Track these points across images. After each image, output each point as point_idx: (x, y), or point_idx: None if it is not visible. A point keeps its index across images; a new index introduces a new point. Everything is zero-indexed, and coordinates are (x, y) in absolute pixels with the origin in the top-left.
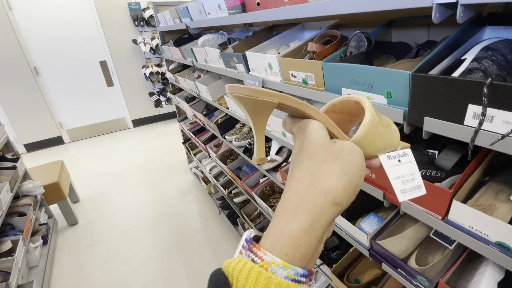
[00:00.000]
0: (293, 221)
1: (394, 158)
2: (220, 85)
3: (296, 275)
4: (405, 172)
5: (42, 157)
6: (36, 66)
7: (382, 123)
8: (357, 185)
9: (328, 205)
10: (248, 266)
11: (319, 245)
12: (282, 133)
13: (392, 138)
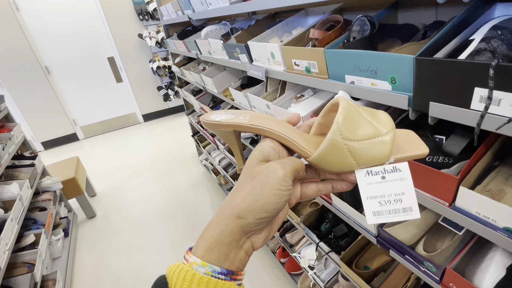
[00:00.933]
0: (208, 230)
1: (376, 175)
2: (225, 76)
3: (214, 272)
4: (388, 191)
5: (59, 154)
6: (47, 65)
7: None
8: (266, 203)
9: (233, 218)
10: (180, 267)
11: (233, 250)
12: None
13: (372, 153)
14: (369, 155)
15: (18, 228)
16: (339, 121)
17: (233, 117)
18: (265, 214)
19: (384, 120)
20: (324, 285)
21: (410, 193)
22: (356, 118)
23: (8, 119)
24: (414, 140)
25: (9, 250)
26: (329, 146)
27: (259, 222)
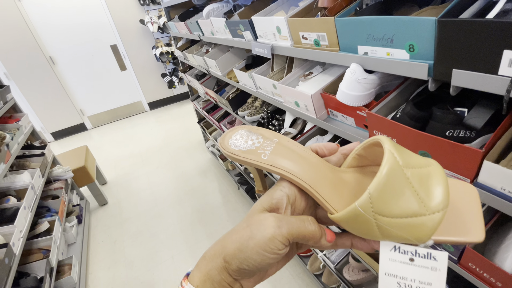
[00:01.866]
0: (203, 261)
1: (404, 254)
2: (229, 58)
3: None
4: (412, 276)
5: (69, 144)
6: (51, 56)
7: (390, 212)
8: (248, 258)
9: (220, 259)
10: None
11: (226, 285)
12: (295, 103)
13: (406, 234)
14: (401, 235)
15: (31, 216)
16: (372, 191)
17: (252, 148)
18: (248, 268)
19: (437, 192)
20: (334, 266)
21: (439, 286)
22: (398, 186)
23: (15, 109)
24: (471, 207)
25: (23, 237)
26: (353, 216)
27: (244, 272)
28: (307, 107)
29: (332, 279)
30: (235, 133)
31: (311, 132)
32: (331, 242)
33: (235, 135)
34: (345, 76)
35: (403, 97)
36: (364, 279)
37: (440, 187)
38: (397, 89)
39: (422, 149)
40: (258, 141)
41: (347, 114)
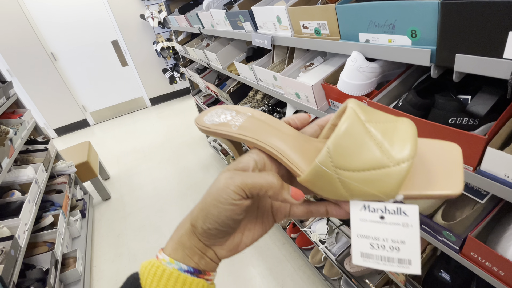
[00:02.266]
0: (176, 230)
1: (374, 212)
2: (229, 50)
3: (180, 270)
4: (384, 235)
5: (72, 140)
6: (53, 52)
7: (351, 165)
8: (209, 214)
9: (188, 224)
10: (152, 263)
11: (196, 254)
12: (296, 94)
13: (371, 188)
14: (365, 190)
15: (36, 209)
16: (331, 146)
17: (224, 121)
18: (211, 226)
19: (402, 141)
20: (336, 258)
21: (413, 244)
22: (358, 139)
23: (18, 105)
24: (450, 163)
25: (28, 230)
26: (316, 174)
27: (209, 234)
28: (308, 98)
29: (334, 271)
30: (211, 111)
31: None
32: (297, 199)
33: (211, 112)
34: (346, 65)
35: (405, 86)
36: (365, 271)
37: (406, 139)
38: (399, 77)
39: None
40: (231, 115)
41: None
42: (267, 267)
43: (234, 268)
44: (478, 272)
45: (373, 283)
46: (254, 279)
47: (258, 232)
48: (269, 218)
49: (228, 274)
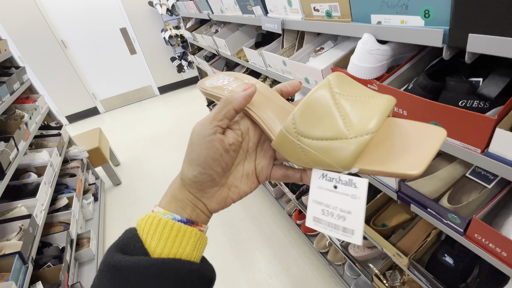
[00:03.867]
0: (169, 188)
1: (329, 181)
2: (238, 37)
3: (174, 219)
4: (334, 204)
5: (83, 127)
6: (63, 39)
7: (311, 133)
8: (191, 160)
9: (178, 179)
10: (148, 215)
11: (188, 206)
12: (305, 79)
13: (327, 157)
14: (322, 159)
15: (51, 191)
16: (296, 113)
17: (221, 85)
18: (194, 172)
19: (370, 116)
20: (340, 243)
21: (358, 215)
22: (322, 110)
23: (32, 90)
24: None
25: (45, 210)
26: (281, 139)
27: (195, 182)
28: (317, 83)
29: (338, 256)
30: (214, 76)
31: None
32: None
33: (214, 77)
34: (357, 48)
35: (416, 70)
36: (369, 256)
37: (374, 114)
38: (410, 61)
39: (434, 119)
40: (229, 81)
41: None
42: (272, 252)
43: (240, 252)
44: (481, 254)
45: (377, 268)
46: (259, 262)
47: (243, 189)
48: (253, 178)
49: (235, 257)
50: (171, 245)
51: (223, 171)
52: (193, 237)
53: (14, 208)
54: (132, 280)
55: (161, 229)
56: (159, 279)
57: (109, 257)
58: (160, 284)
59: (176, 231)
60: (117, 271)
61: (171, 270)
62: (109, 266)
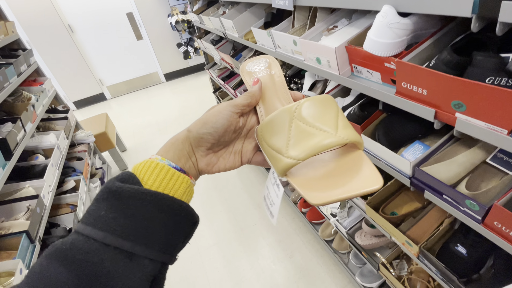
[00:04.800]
0: (169, 141)
1: (274, 178)
2: (247, 17)
3: (169, 165)
4: (270, 194)
5: (90, 113)
6: (70, 24)
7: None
8: (208, 121)
9: (185, 131)
10: (145, 160)
11: (183, 157)
12: (317, 59)
13: (271, 161)
14: (272, 162)
15: (58, 173)
16: (263, 122)
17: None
18: (205, 131)
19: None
20: (347, 231)
21: (276, 207)
22: (280, 126)
23: (39, 73)
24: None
25: (52, 191)
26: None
27: (201, 138)
28: (329, 63)
29: (343, 245)
30: (257, 59)
31: (332, 93)
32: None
33: (256, 60)
34: (375, 21)
35: (439, 47)
36: (376, 244)
37: (308, 146)
38: (432, 37)
39: (457, 98)
40: (260, 69)
41: (373, 69)
42: (277, 239)
43: (244, 238)
44: (500, 243)
45: (384, 256)
46: (263, 249)
47: (228, 164)
48: (238, 157)
49: (239, 243)
50: (165, 185)
51: (223, 142)
52: (184, 183)
53: (21, 188)
54: (131, 205)
55: (157, 172)
56: (155, 206)
57: (110, 184)
58: (156, 212)
59: (171, 175)
60: (117, 196)
61: (166, 201)
62: (109, 193)
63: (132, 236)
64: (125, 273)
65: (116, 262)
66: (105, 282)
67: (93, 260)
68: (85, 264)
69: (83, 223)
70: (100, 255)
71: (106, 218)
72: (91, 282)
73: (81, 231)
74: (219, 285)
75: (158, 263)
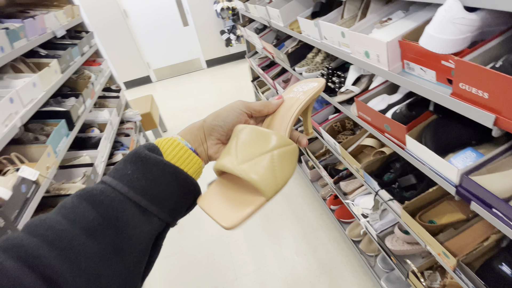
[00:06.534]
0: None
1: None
2: (293, 6)
3: (187, 145)
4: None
5: (137, 93)
6: (125, 9)
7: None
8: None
9: (201, 121)
10: (167, 138)
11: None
12: (365, 53)
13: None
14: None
15: (110, 146)
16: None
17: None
18: (217, 123)
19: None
20: (377, 233)
21: None
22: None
23: (97, 54)
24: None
25: (104, 162)
26: None
27: (212, 128)
28: (379, 57)
29: (372, 247)
30: (312, 81)
31: (378, 89)
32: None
33: (306, 82)
34: (436, 16)
35: (507, 47)
36: (408, 251)
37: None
38: (500, 35)
39: None
40: (299, 90)
41: (427, 66)
42: (301, 232)
43: (270, 226)
44: None
45: (415, 265)
46: (287, 239)
47: None
48: None
49: (264, 230)
50: (182, 162)
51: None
52: (196, 163)
53: (79, 156)
54: (154, 171)
55: (178, 149)
56: (172, 177)
57: (140, 150)
58: (172, 181)
59: (188, 155)
60: (145, 161)
61: (181, 175)
62: (137, 157)
63: (149, 196)
64: (139, 224)
65: (134, 214)
66: (123, 227)
67: (117, 207)
68: (110, 209)
69: (111, 176)
70: (122, 205)
71: (131, 177)
72: (112, 224)
73: (109, 183)
74: (242, 266)
75: (164, 223)
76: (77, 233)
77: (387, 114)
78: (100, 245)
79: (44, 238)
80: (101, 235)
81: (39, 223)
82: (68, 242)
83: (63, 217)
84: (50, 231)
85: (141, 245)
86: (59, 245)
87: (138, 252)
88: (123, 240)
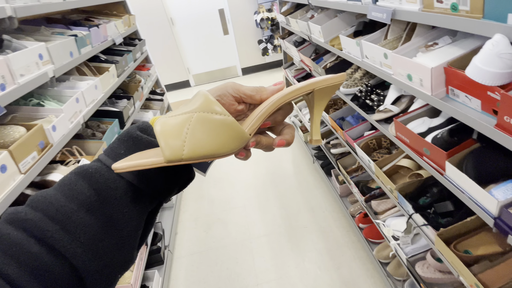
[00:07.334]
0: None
1: None
2: (335, 24)
3: None
4: None
5: (177, 97)
6: (171, 17)
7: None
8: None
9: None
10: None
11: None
12: (408, 76)
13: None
14: None
15: None
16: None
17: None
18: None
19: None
20: (407, 258)
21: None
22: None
23: (147, 60)
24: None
25: None
26: None
27: None
28: (422, 81)
29: (400, 271)
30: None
31: (419, 112)
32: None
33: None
34: (484, 49)
35: None
36: (439, 280)
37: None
38: None
39: None
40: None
41: (472, 95)
42: (326, 247)
43: (294, 237)
44: None
45: None
46: (311, 252)
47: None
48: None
49: (288, 240)
50: None
51: None
52: None
53: None
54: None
55: None
56: None
57: (132, 131)
58: None
59: None
60: (136, 142)
61: None
62: (131, 137)
63: (141, 176)
64: (131, 202)
65: (126, 192)
66: (116, 204)
67: (111, 186)
68: (105, 187)
69: (106, 155)
70: (116, 183)
71: (124, 157)
72: (106, 200)
73: (104, 161)
74: (264, 273)
75: (155, 200)
76: (74, 208)
77: (427, 138)
78: (96, 220)
79: (45, 213)
80: (97, 210)
81: (41, 199)
82: (67, 217)
83: (62, 194)
84: (51, 206)
85: (134, 221)
86: (60, 219)
87: (132, 227)
88: (118, 215)
